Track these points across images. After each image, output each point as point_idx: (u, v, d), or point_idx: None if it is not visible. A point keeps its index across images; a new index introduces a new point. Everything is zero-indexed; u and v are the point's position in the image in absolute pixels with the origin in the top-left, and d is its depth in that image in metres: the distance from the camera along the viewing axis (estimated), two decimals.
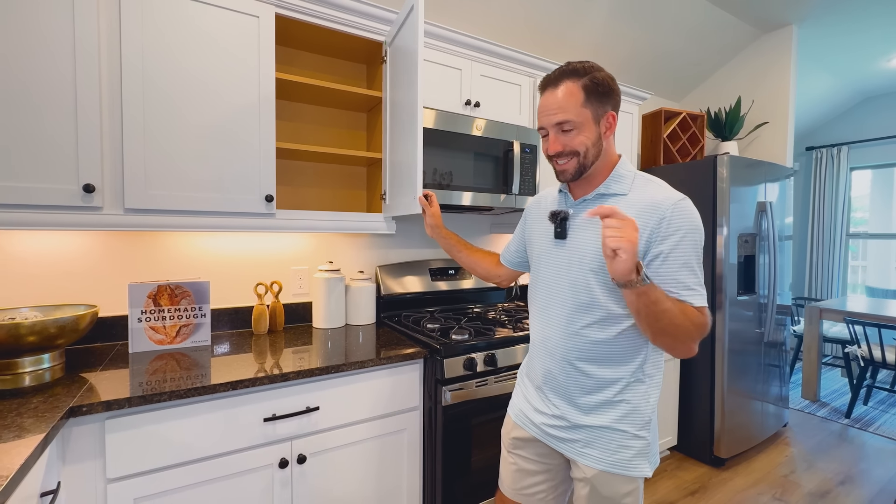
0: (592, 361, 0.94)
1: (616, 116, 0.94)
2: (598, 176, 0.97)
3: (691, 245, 0.86)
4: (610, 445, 0.94)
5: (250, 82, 1.39)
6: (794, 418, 2.96)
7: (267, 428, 1.18)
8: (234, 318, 1.67)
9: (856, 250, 4.51)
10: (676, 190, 0.91)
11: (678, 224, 0.86)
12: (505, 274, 1.31)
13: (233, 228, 1.39)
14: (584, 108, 0.90)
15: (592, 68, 0.93)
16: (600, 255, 0.89)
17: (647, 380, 0.95)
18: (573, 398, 0.97)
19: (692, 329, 0.83)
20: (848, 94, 4.05)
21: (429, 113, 1.67)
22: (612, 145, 0.97)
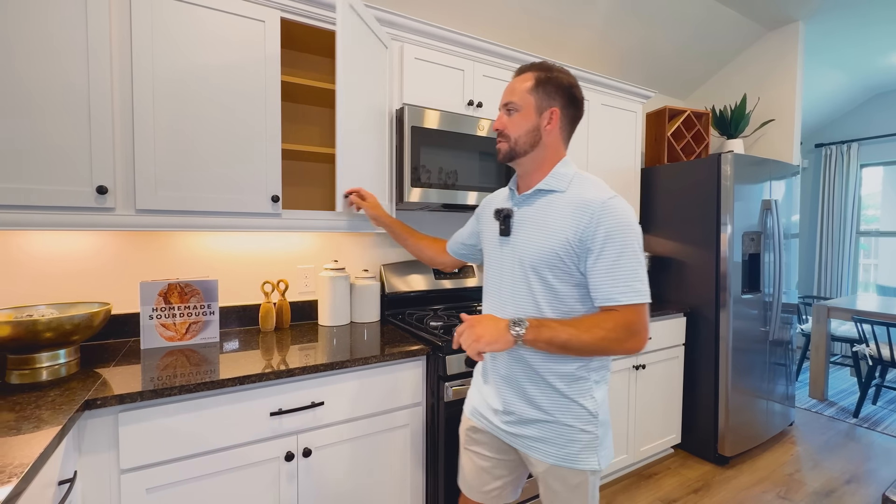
0: (538, 355, 0.96)
1: (559, 113, 0.97)
2: (539, 171, 1.00)
3: (620, 241, 0.88)
4: (558, 440, 0.97)
5: (257, 86, 1.42)
6: (800, 417, 2.94)
7: (273, 422, 1.21)
8: (242, 315, 1.71)
9: (868, 248, 4.46)
10: (608, 189, 0.95)
11: (606, 221, 0.89)
12: (449, 261, 1.38)
13: (240, 228, 1.42)
14: (529, 94, 0.97)
15: (555, 69, 0.99)
16: (538, 254, 0.94)
17: (593, 375, 0.98)
18: (523, 391, 0.99)
19: (612, 335, 0.87)
20: (858, 91, 4.00)
21: (431, 113, 1.69)
22: (559, 143, 1.01)
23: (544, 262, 0.94)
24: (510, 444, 1.04)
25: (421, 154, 1.68)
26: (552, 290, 0.94)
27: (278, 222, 1.49)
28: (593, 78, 2.25)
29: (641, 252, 0.91)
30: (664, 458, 2.39)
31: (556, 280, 0.93)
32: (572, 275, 0.93)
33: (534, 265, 0.95)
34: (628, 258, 0.88)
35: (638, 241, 0.90)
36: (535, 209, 0.99)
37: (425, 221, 2.15)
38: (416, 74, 1.73)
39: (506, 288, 1.01)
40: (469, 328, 0.89)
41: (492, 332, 0.87)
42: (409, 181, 1.66)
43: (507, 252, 1.01)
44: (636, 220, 0.92)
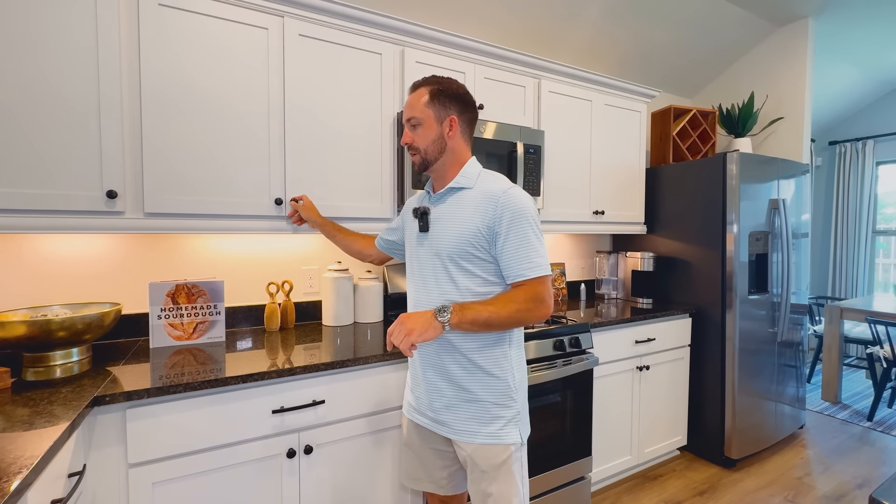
0: (461, 336, 1.05)
1: (457, 120, 1.08)
2: (450, 172, 1.11)
3: (521, 224, 1.00)
4: (482, 418, 1.05)
5: (260, 91, 1.46)
6: (812, 420, 2.89)
7: (275, 419, 1.24)
8: (248, 315, 1.75)
9: (887, 247, 4.35)
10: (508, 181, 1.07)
11: (509, 209, 1.00)
12: (376, 255, 1.46)
13: (244, 231, 1.46)
14: (427, 107, 1.07)
15: (445, 80, 1.10)
16: (454, 244, 1.04)
17: (510, 348, 1.08)
18: (449, 375, 1.08)
19: (524, 306, 0.99)
20: (872, 87, 3.91)
21: None
22: (463, 145, 1.11)
23: (459, 250, 1.04)
24: (442, 434, 1.11)
25: None
26: (469, 273, 1.04)
27: (282, 224, 1.52)
28: (595, 78, 2.25)
29: (539, 231, 1.03)
30: (670, 459, 2.37)
31: (471, 265, 1.04)
32: (484, 258, 1.04)
33: (450, 254, 1.05)
34: (530, 239, 1.00)
35: (536, 223, 1.03)
36: (448, 205, 1.09)
37: None
38: (417, 77, 1.75)
39: (429, 278, 1.10)
40: (399, 325, 0.97)
41: (421, 323, 0.96)
42: (411, 183, 1.68)
43: (426, 246, 1.11)
44: (533, 206, 1.05)
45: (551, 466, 1.71)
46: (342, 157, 1.62)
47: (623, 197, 2.45)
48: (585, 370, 1.77)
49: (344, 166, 1.63)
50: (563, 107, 2.18)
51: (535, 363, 1.64)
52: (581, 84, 2.23)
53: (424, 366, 1.13)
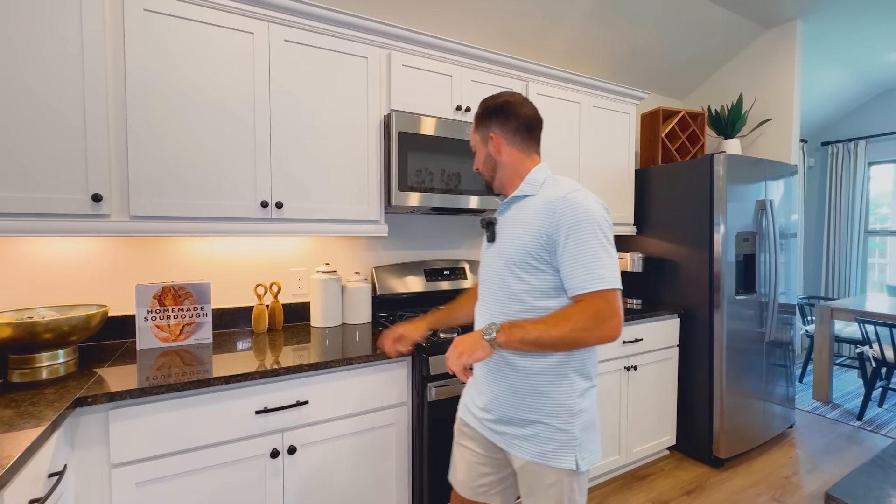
0: (518, 354, 0.99)
1: (498, 134, 1.05)
2: (511, 184, 1.08)
3: (580, 231, 0.92)
4: (536, 438, 0.98)
5: (246, 95, 1.48)
6: (802, 419, 2.91)
7: (259, 420, 1.25)
8: (236, 316, 1.77)
9: (882, 247, 4.37)
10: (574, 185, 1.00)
11: (567, 214, 0.93)
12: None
13: (230, 233, 1.48)
14: (475, 133, 1.12)
15: (485, 100, 1.10)
16: (517, 253, 0.99)
17: (572, 374, 0.98)
18: (504, 389, 1.02)
19: (580, 325, 0.89)
20: (863, 88, 3.94)
21: (419, 119, 1.73)
22: (516, 156, 1.06)
23: (519, 260, 0.98)
24: (494, 441, 1.06)
25: (409, 159, 1.72)
26: (527, 285, 0.98)
27: (268, 227, 1.54)
28: (583, 80, 2.27)
29: (607, 239, 0.93)
30: (658, 459, 2.39)
31: (529, 275, 0.98)
32: (542, 269, 0.97)
33: (510, 263, 1.00)
34: (590, 246, 0.91)
35: (600, 229, 0.93)
36: (512, 214, 1.05)
37: (417, 224, 2.19)
38: (404, 81, 1.77)
39: (495, 288, 1.04)
40: (452, 349, 0.98)
41: (469, 344, 0.96)
42: (397, 186, 1.70)
43: (494, 255, 1.06)
44: (601, 210, 0.95)
45: None
46: (328, 160, 1.64)
47: (612, 198, 2.47)
48: None
49: (330, 169, 1.64)
50: (551, 108, 2.20)
51: None
52: (569, 86, 2.25)
53: (485, 374, 1.07)
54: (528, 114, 1.06)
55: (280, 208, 1.54)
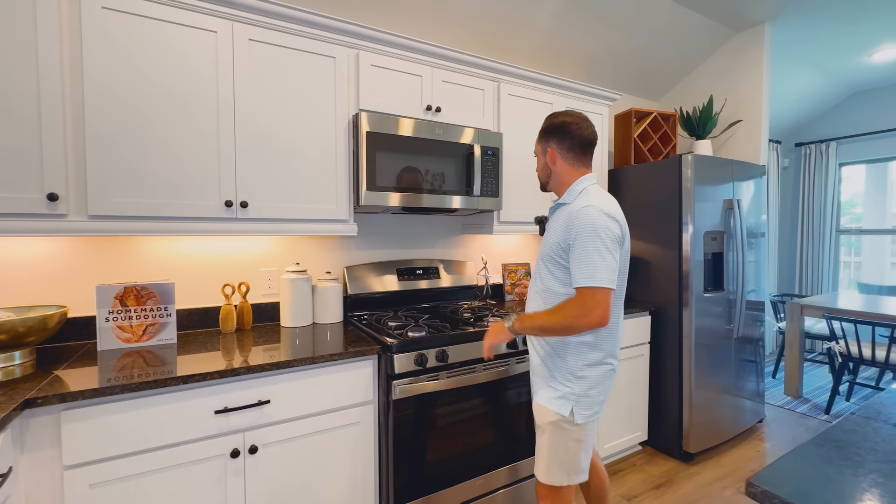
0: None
1: (555, 148, 1.31)
2: (559, 191, 1.34)
3: (584, 240, 1.16)
4: (546, 386, 1.29)
5: (209, 94, 1.47)
6: (772, 414, 2.98)
7: (219, 420, 1.25)
8: (203, 317, 1.76)
9: (857, 246, 4.49)
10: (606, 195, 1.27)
11: (576, 225, 1.18)
12: None
13: (193, 233, 1.47)
14: (537, 144, 1.38)
15: (553, 116, 1.34)
16: (549, 249, 1.26)
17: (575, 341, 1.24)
18: (534, 352, 1.35)
19: (571, 313, 1.16)
20: (834, 90, 4.04)
21: (388, 119, 1.74)
22: (567, 167, 1.31)
23: (548, 255, 1.26)
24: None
25: (378, 158, 1.72)
26: (553, 275, 1.26)
27: (234, 226, 1.53)
28: (555, 81, 2.29)
29: (605, 246, 1.14)
30: (631, 455, 2.43)
31: (555, 267, 1.25)
32: (563, 264, 1.23)
33: (542, 257, 1.30)
34: (590, 252, 1.14)
35: (599, 238, 1.14)
36: (554, 216, 1.32)
37: (389, 224, 2.19)
38: (373, 81, 1.78)
39: (536, 273, 1.35)
40: (486, 335, 1.36)
41: (494, 332, 1.35)
42: (366, 185, 1.70)
43: (541, 248, 1.34)
44: (604, 223, 1.16)
45: (507, 462, 1.75)
46: (295, 159, 1.64)
47: None
48: None
49: (297, 168, 1.64)
50: (524, 109, 2.22)
51: (488, 361, 1.67)
52: (541, 87, 2.27)
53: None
54: (583, 135, 1.29)
55: (245, 208, 1.53)
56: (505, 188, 2.15)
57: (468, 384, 1.61)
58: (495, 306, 2.27)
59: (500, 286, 2.54)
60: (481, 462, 1.69)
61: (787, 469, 0.72)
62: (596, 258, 1.13)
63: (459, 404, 1.63)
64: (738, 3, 2.57)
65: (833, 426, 0.92)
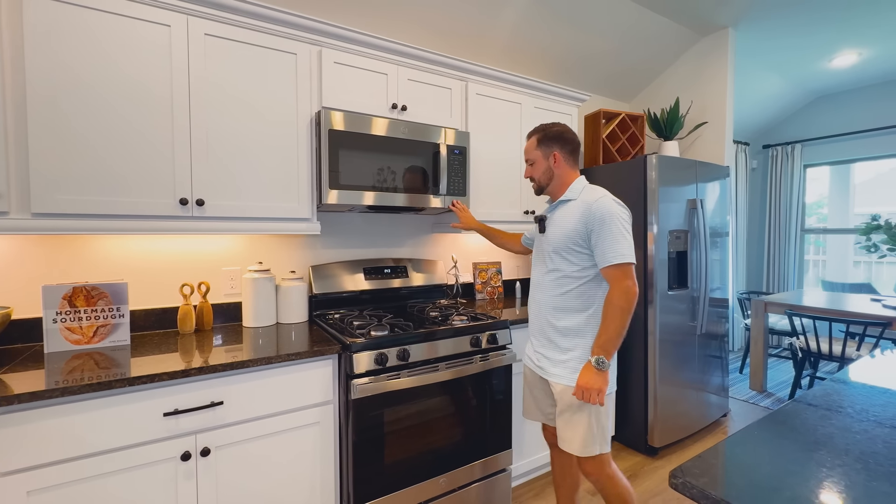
0: (557, 310, 1.42)
1: (559, 153, 1.46)
2: (560, 190, 1.48)
3: (609, 224, 1.31)
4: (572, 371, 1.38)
5: (162, 89, 1.44)
6: (737, 408, 3.07)
7: (169, 422, 1.22)
8: (161, 318, 1.72)
9: (823, 245, 4.65)
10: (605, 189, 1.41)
11: (597, 214, 1.33)
12: (520, 248, 1.86)
13: (146, 231, 1.43)
14: (536, 150, 1.50)
15: (550, 126, 1.50)
16: (563, 240, 1.40)
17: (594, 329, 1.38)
18: (548, 338, 1.45)
19: (620, 301, 1.29)
20: (799, 94, 4.18)
21: (351, 117, 1.72)
22: (566, 170, 1.48)
23: (563, 245, 1.40)
24: (543, 376, 1.47)
25: (340, 157, 1.71)
26: (568, 261, 1.40)
27: (190, 225, 1.50)
28: (524, 81, 2.31)
29: (625, 229, 1.32)
30: None
31: (570, 255, 1.39)
32: (580, 251, 1.38)
33: (556, 248, 1.42)
34: (615, 235, 1.30)
35: (619, 222, 1.31)
36: (558, 213, 1.46)
37: (356, 223, 2.18)
38: (337, 78, 1.76)
39: (544, 264, 1.48)
40: (584, 394, 1.31)
41: (597, 382, 1.30)
42: (328, 184, 1.69)
43: (544, 242, 1.48)
44: (620, 210, 1.35)
45: (470, 460, 1.76)
46: (256, 157, 1.61)
47: None
48: (503, 366, 1.82)
49: (257, 166, 1.62)
50: (492, 109, 2.24)
51: (452, 360, 1.68)
52: (510, 87, 2.29)
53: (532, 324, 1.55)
54: (577, 141, 1.50)
55: (201, 206, 1.50)
56: (473, 187, 2.16)
57: (430, 382, 1.61)
58: (465, 305, 2.28)
59: (470, 285, 2.55)
60: (445, 460, 1.69)
61: (711, 460, 0.74)
62: (620, 239, 1.29)
63: (422, 402, 1.63)
64: (703, 8, 2.63)
65: (766, 417, 0.95)
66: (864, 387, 1.17)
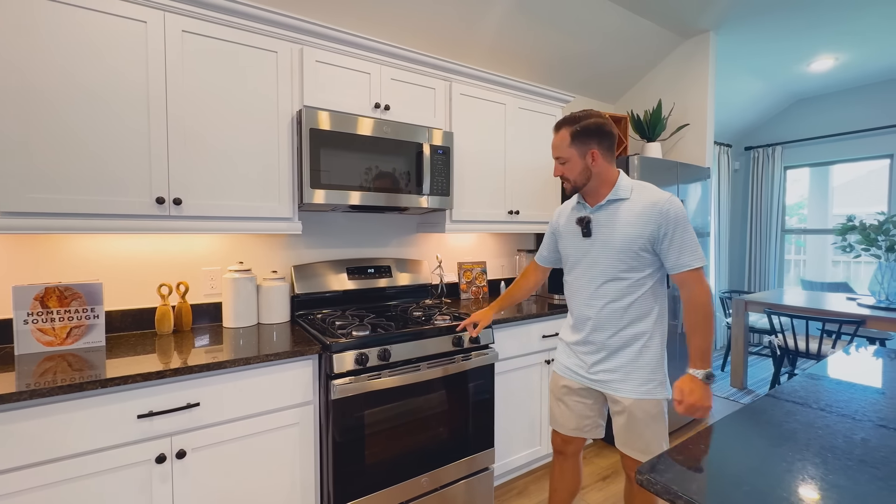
0: (621, 321, 1.31)
1: (598, 150, 1.28)
2: (603, 189, 1.32)
3: (684, 227, 1.24)
4: (644, 383, 1.30)
5: (138, 86, 1.41)
6: (718, 405, 3.12)
7: (143, 424, 1.21)
8: (138, 318, 1.69)
9: (804, 245, 4.75)
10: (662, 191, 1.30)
11: (672, 216, 1.23)
12: (543, 273, 1.69)
13: (122, 230, 1.41)
14: (570, 147, 1.29)
15: (584, 117, 1.30)
16: (625, 243, 1.27)
17: (658, 335, 1.32)
18: (611, 351, 1.33)
19: (705, 305, 1.23)
20: (779, 97, 4.26)
21: (333, 116, 1.71)
22: (606, 167, 1.31)
23: (626, 249, 1.27)
24: (598, 388, 1.39)
25: (322, 156, 1.70)
26: (630, 267, 1.28)
27: (167, 224, 1.48)
28: (508, 82, 2.32)
29: (692, 231, 1.25)
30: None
31: (633, 260, 1.27)
32: (644, 256, 1.27)
33: (617, 251, 1.28)
34: (691, 237, 1.24)
35: (689, 224, 1.25)
36: (608, 214, 1.32)
37: (339, 223, 2.17)
38: (319, 77, 1.75)
39: (600, 267, 1.33)
40: (690, 409, 1.19)
41: (703, 396, 1.19)
42: (309, 183, 1.68)
43: (596, 246, 1.33)
44: (684, 211, 1.26)
45: (453, 459, 1.76)
46: (235, 156, 1.60)
47: (539, 197, 2.54)
48: (485, 365, 1.83)
49: (237, 165, 1.60)
50: (476, 109, 2.24)
51: (434, 359, 1.68)
52: (494, 87, 2.30)
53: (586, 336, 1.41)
54: (615, 133, 1.33)
55: (179, 205, 1.48)
56: (457, 187, 2.16)
57: (412, 382, 1.61)
58: (449, 305, 2.29)
59: (455, 285, 2.56)
60: (427, 459, 1.69)
61: (676, 456, 0.76)
62: (695, 243, 1.24)
63: (403, 402, 1.63)
64: (685, 12, 2.67)
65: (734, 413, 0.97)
66: (832, 382, 1.20)
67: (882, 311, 2.85)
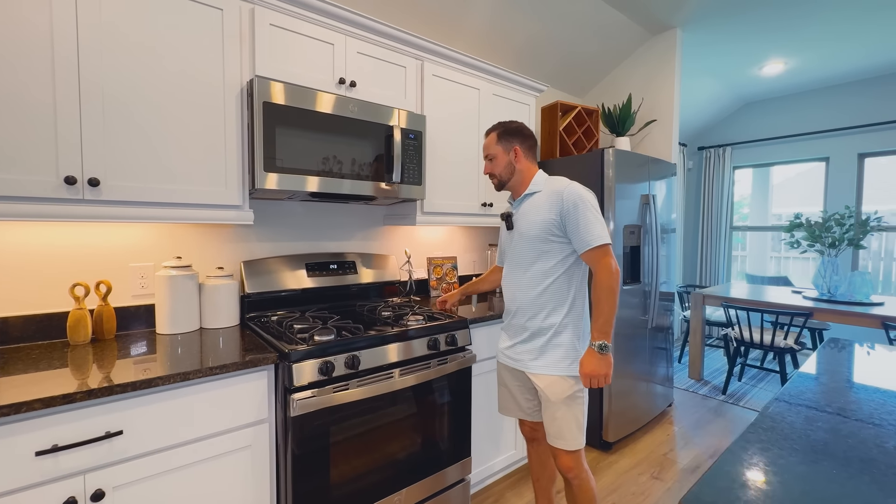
0: (541, 305, 1.40)
1: (519, 148, 1.45)
2: (523, 184, 1.47)
3: (584, 208, 1.32)
4: (559, 362, 1.38)
5: (40, 43, 1.12)
6: (679, 397, 3.19)
7: (44, 462, 0.95)
8: (46, 326, 1.39)
9: (743, 241, 5.02)
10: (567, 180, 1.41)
11: (569, 200, 1.33)
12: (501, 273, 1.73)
13: (19, 216, 1.12)
14: (497, 145, 1.47)
15: (509, 123, 1.49)
16: (538, 231, 1.38)
17: (573, 318, 1.39)
18: (531, 333, 1.42)
19: (608, 281, 1.29)
20: (731, 99, 4.45)
21: (290, 89, 1.49)
22: (527, 165, 1.47)
23: (539, 236, 1.38)
24: (519, 368, 1.46)
25: (278, 135, 1.47)
26: (546, 252, 1.38)
27: (80, 210, 1.20)
28: (483, 66, 2.18)
29: (597, 212, 1.33)
30: None
31: (547, 245, 1.38)
32: (557, 240, 1.37)
33: (533, 239, 1.39)
34: (589, 219, 1.31)
35: (592, 207, 1.33)
36: (525, 207, 1.45)
37: (297, 213, 1.94)
38: (273, 44, 1.52)
39: (520, 260, 1.44)
40: (589, 379, 1.30)
41: (601, 366, 1.29)
42: (262, 166, 1.45)
43: (515, 238, 1.46)
44: (588, 195, 1.35)
45: (428, 473, 1.61)
46: (169, 131, 1.33)
47: None
48: (462, 368, 1.69)
49: (173, 142, 1.34)
50: (449, 93, 2.08)
51: (407, 365, 1.52)
52: (468, 71, 2.15)
53: (510, 319, 1.51)
54: (534, 136, 1.51)
55: (95, 186, 1.21)
56: (429, 176, 2.00)
57: (384, 392, 1.44)
58: (419, 303, 2.12)
59: (424, 281, 2.40)
60: (400, 475, 1.53)
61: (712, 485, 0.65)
62: (595, 222, 1.31)
63: (375, 414, 1.45)
64: (654, 6, 2.65)
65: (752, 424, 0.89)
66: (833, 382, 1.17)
67: (825, 303, 3.02)
